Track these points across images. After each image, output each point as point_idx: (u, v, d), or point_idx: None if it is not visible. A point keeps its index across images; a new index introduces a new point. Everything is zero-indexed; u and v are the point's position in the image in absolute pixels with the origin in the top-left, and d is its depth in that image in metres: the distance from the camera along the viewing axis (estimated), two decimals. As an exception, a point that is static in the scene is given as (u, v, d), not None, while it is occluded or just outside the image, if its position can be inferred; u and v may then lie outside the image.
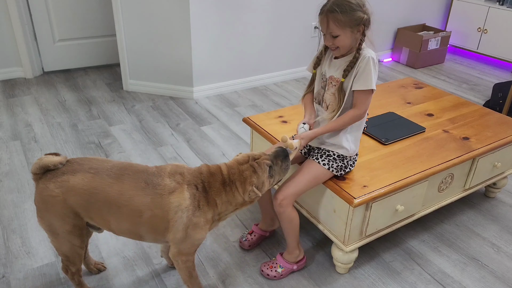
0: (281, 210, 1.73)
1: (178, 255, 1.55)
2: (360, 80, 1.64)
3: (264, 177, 1.54)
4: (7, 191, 2.33)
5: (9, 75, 3.69)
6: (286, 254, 1.88)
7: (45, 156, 1.46)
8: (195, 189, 1.48)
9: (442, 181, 2.01)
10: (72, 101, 3.39)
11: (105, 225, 1.51)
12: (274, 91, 3.74)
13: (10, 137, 2.85)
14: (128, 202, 1.43)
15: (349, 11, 1.55)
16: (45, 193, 1.44)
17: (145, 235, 1.51)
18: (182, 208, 1.45)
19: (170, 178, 1.48)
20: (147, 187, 1.45)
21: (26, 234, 2.05)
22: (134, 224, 1.47)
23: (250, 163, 1.53)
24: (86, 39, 3.91)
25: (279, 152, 1.60)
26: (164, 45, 3.37)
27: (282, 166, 1.60)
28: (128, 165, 1.51)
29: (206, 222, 1.51)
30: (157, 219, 1.46)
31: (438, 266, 1.97)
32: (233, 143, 2.90)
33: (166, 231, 1.49)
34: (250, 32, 3.58)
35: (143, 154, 2.73)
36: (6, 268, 1.87)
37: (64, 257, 1.59)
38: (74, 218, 1.48)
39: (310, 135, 1.71)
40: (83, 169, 1.46)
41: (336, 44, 1.62)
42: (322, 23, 1.62)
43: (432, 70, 4.39)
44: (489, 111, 2.42)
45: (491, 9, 4.32)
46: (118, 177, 1.46)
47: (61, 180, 1.44)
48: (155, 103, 3.42)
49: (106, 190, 1.43)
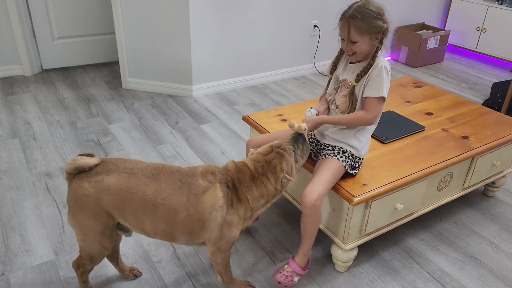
0: (315, 211, 1.67)
1: (217, 253, 1.58)
2: (371, 86, 1.67)
3: (292, 161, 1.58)
4: (6, 189, 2.33)
5: (7, 72, 3.68)
6: (300, 257, 1.79)
7: (80, 157, 1.46)
8: (227, 187, 1.50)
9: (441, 180, 2.02)
10: (71, 99, 3.38)
11: (139, 226, 1.50)
12: (273, 89, 3.74)
13: (9, 135, 2.84)
14: (164, 201, 1.44)
15: (370, 19, 1.61)
16: (79, 192, 1.44)
17: (179, 236, 1.52)
18: (217, 208, 1.46)
19: (203, 178, 1.49)
20: (183, 186, 1.46)
21: (26, 232, 2.05)
22: (169, 224, 1.48)
23: (276, 151, 1.57)
24: (85, 37, 3.90)
25: (296, 137, 1.65)
26: (164, 43, 3.37)
27: (303, 149, 1.65)
28: (161, 166, 1.52)
29: (239, 219, 1.53)
30: (192, 219, 1.47)
31: (437, 265, 1.98)
32: (232, 141, 2.90)
33: (201, 231, 1.50)
34: (250, 31, 3.58)
35: (142, 152, 2.73)
36: (6, 266, 1.86)
37: (88, 256, 1.57)
38: (106, 218, 1.48)
39: (317, 120, 1.73)
40: (118, 169, 1.46)
41: (354, 49, 1.66)
42: (342, 28, 1.66)
43: (431, 69, 4.39)
44: (488, 110, 2.42)
45: (490, 8, 4.32)
46: (154, 177, 1.47)
47: (95, 180, 1.43)
48: (154, 101, 3.42)
49: (142, 189, 1.44)
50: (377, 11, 1.63)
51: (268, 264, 1.94)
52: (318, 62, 4.06)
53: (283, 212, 2.26)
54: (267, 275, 1.88)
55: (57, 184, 2.38)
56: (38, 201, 2.25)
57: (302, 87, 3.80)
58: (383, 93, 1.67)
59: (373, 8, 1.62)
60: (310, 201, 1.65)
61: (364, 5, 1.63)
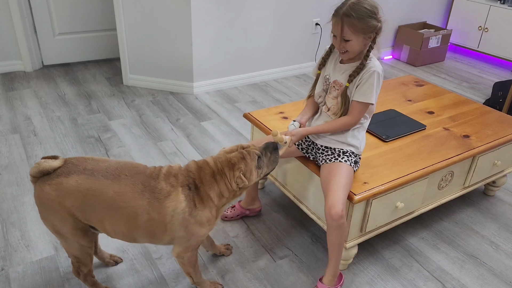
0: (342, 221, 1.60)
1: (184, 252, 1.56)
2: (360, 91, 1.65)
3: (252, 165, 1.52)
4: (6, 184, 2.33)
5: (8, 68, 3.67)
6: (329, 280, 1.74)
7: (44, 160, 1.43)
8: (188, 189, 1.47)
9: (442, 179, 2.01)
10: (72, 95, 3.38)
11: (101, 227, 1.49)
12: (274, 87, 3.74)
13: (9, 130, 2.84)
14: (125, 204, 1.42)
15: (365, 18, 1.55)
16: (42, 196, 1.43)
17: (139, 238, 1.51)
18: (178, 211, 1.44)
19: (165, 181, 1.46)
20: (145, 190, 1.43)
21: (26, 227, 2.05)
22: (129, 227, 1.46)
23: (239, 151, 1.53)
24: (86, 33, 3.90)
25: (268, 144, 1.60)
26: (165, 40, 3.36)
27: (271, 158, 1.59)
28: (124, 165, 1.48)
29: (206, 218, 1.51)
30: (154, 223, 1.45)
31: (437, 263, 1.98)
32: (233, 138, 2.90)
33: (163, 234, 1.49)
34: (251, 28, 3.57)
35: (142, 149, 2.73)
36: (5, 261, 1.86)
37: (75, 259, 1.57)
38: (73, 220, 1.46)
39: (301, 132, 1.71)
40: (77, 170, 1.43)
41: (347, 48, 1.62)
42: (335, 25, 1.61)
43: (433, 68, 4.39)
44: (489, 110, 2.42)
45: (492, 7, 4.31)
46: (114, 178, 1.43)
47: (55, 183, 1.41)
48: (155, 98, 3.41)
49: (101, 191, 1.41)
50: (372, 10, 1.57)
51: (268, 261, 1.94)
52: (319, 60, 4.05)
53: (284, 210, 2.26)
54: (267, 272, 1.88)
55: (57, 180, 2.38)
56: (38, 196, 2.24)
57: (303, 85, 3.80)
58: (371, 99, 1.64)
59: (368, 6, 1.56)
60: (337, 212, 1.58)
61: (359, 2, 1.56)
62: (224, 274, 1.86)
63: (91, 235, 1.56)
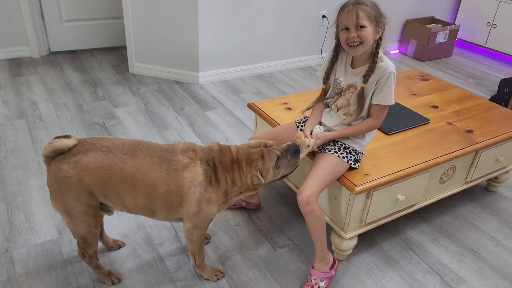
0: (309, 208, 1.66)
1: (193, 229, 1.59)
2: (380, 94, 1.68)
3: (270, 165, 1.55)
4: (12, 168, 2.36)
5: (15, 54, 3.69)
6: (319, 264, 1.78)
7: (57, 139, 1.46)
8: (207, 165, 1.52)
9: (444, 173, 2.02)
10: (78, 82, 3.40)
11: (120, 202, 1.52)
12: (280, 79, 3.74)
13: (15, 115, 2.86)
14: (143, 176, 1.46)
15: (375, 7, 1.60)
16: (59, 174, 1.45)
17: (158, 210, 1.54)
18: (196, 184, 1.49)
19: (183, 155, 1.51)
20: (162, 162, 1.48)
21: (30, 210, 2.08)
22: (149, 199, 1.50)
23: (260, 149, 1.56)
24: (93, 20, 3.91)
25: (290, 147, 1.62)
26: (171, 29, 3.37)
27: (290, 160, 1.61)
28: (138, 142, 1.54)
29: (217, 198, 1.55)
30: (172, 194, 1.49)
31: (436, 257, 1.99)
32: (237, 129, 2.91)
33: (179, 206, 1.52)
34: (258, 19, 3.57)
35: (147, 137, 2.74)
36: (10, 242, 1.89)
37: (81, 239, 1.59)
38: (89, 198, 1.49)
39: (327, 136, 1.73)
40: (95, 148, 1.47)
41: (361, 37, 1.59)
42: (349, 15, 1.60)
43: (439, 63, 4.37)
44: (494, 105, 2.41)
45: (502, 3, 4.28)
46: (131, 153, 1.48)
47: (74, 161, 1.44)
48: (160, 87, 3.43)
49: (120, 166, 1.45)
50: (376, 4, 1.62)
51: (269, 250, 1.96)
52: (326, 53, 4.04)
53: (285, 200, 2.28)
54: (267, 261, 1.90)
55: (62, 165, 2.41)
56: (43, 181, 2.27)
57: (308, 78, 3.79)
58: (391, 101, 1.68)
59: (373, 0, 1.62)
60: (302, 198, 1.65)
61: None
62: (224, 261, 1.88)
63: (100, 214, 1.60)
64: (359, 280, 1.84)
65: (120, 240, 1.92)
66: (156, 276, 1.79)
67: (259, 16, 3.56)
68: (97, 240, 1.64)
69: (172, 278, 1.79)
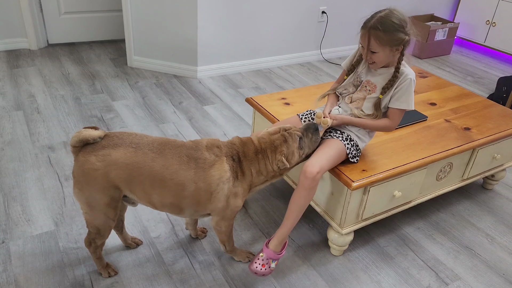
0: (314, 183, 1.65)
1: (222, 221, 1.63)
2: (401, 99, 1.71)
3: (294, 147, 1.59)
4: (9, 160, 2.35)
5: (13, 45, 3.68)
6: (275, 245, 1.72)
7: (84, 130, 1.46)
8: (232, 160, 1.54)
9: (441, 170, 2.02)
10: (76, 75, 3.39)
11: (147, 199, 1.53)
12: (278, 74, 3.74)
13: (13, 107, 2.86)
14: (172, 176, 1.47)
15: (392, 31, 1.60)
16: (86, 166, 1.45)
17: (186, 208, 1.55)
18: (224, 180, 1.51)
19: (208, 152, 1.53)
20: (190, 161, 1.49)
21: (27, 202, 2.07)
22: (177, 198, 1.51)
23: (281, 133, 1.59)
24: (92, 13, 3.89)
25: (309, 125, 1.66)
26: (170, 23, 3.36)
27: (312, 138, 1.66)
28: (166, 140, 1.54)
29: (243, 191, 1.58)
30: (201, 192, 1.51)
31: (432, 253, 2.00)
32: (235, 123, 2.91)
33: (208, 203, 1.55)
34: (257, 14, 3.56)
35: (144, 130, 2.74)
36: (6, 234, 1.89)
37: (95, 230, 1.59)
38: (113, 191, 1.50)
39: (345, 119, 1.75)
40: (124, 143, 1.48)
41: (374, 59, 1.67)
42: (363, 38, 1.65)
43: (438, 61, 4.37)
44: (492, 103, 2.42)
45: (501, 2, 4.28)
46: (160, 152, 1.49)
47: (102, 154, 1.45)
48: (159, 81, 3.42)
49: (150, 164, 1.46)
50: (400, 23, 1.61)
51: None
52: (325, 49, 4.04)
53: (282, 195, 2.28)
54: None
55: (59, 157, 2.40)
56: (40, 173, 2.27)
57: (307, 73, 3.79)
58: (412, 106, 1.72)
59: (396, 20, 1.60)
60: (312, 171, 1.63)
61: (387, 16, 1.61)
62: (220, 255, 1.89)
63: (121, 207, 1.62)
64: (355, 276, 1.85)
65: (138, 238, 1.91)
66: (152, 269, 1.79)
67: (259, 11, 3.55)
68: (110, 232, 1.64)
69: (169, 271, 1.79)
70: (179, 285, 1.73)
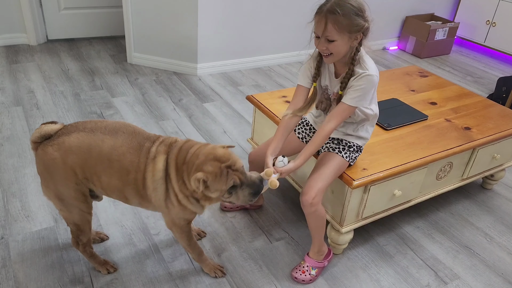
0: (313, 209, 1.64)
1: (172, 226, 1.60)
2: (346, 95, 1.56)
3: (221, 187, 1.40)
4: (8, 155, 2.34)
5: (13, 41, 3.66)
6: (314, 254, 1.79)
7: (44, 125, 1.48)
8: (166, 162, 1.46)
9: (441, 169, 2.03)
10: (75, 71, 3.38)
11: (99, 184, 1.51)
12: (278, 72, 3.73)
13: (12, 103, 2.84)
14: (119, 157, 1.45)
15: (351, 15, 1.44)
16: (45, 157, 1.46)
17: (130, 197, 1.53)
18: (156, 179, 1.46)
19: (156, 146, 1.49)
20: (139, 149, 1.47)
21: (26, 198, 2.07)
22: (122, 182, 1.48)
23: (222, 166, 1.38)
24: (92, 9, 3.87)
25: (256, 184, 1.47)
26: (170, 20, 3.35)
27: (246, 196, 1.47)
28: (123, 124, 1.52)
29: (183, 198, 1.48)
30: (138, 183, 1.48)
31: (431, 252, 2.00)
32: (235, 121, 2.91)
33: (146, 198, 1.51)
34: (257, 12, 3.55)
35: (144, 127, 2.73)
36: (5, 230, 1.89)
37: (75, 227, 1.59)
38: (75, 180, 1.49)
39: (292, 169, 1.58)
40: (77, 129, 1.48)
41: (331, 49, 1.50)
42: (318, 24, 1.49)
43: (438, 60, 4.37)
44: (492, 103, 2.42)
45: (502, 2, 4.28)
46: (112, 134, 1.48)
47: (57, 142, 1.46)
48: (159, 78, 3.41)
49: (99, 144, 1.45)
50: (359, 7, 1.45)
51: (265, 243, 1.96)
52: (325, 47, 4.03)
53: (282, 193, 2.28)
54: (263, 253, 1.91)
55: (58, 153, 2.39)
56: (39, 169, 2.26)
57: (307, 72, 3.78)
58: (354, 103, 1.56)
59: (354, 3, 1.44)
60: (307, 199, 1.62)
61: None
62: (221, 253, 1.89)
63: (90, 201, 1.59)
64: (354, 274, 1.85)
65: (104, 233, 1.91)
66: (151, 266, 1.79)
67: (259, 9, 3.54)
68: (90, 227, 1.64)
69: (168, 268, 1.79)
70: (178, 282, 1.73)
